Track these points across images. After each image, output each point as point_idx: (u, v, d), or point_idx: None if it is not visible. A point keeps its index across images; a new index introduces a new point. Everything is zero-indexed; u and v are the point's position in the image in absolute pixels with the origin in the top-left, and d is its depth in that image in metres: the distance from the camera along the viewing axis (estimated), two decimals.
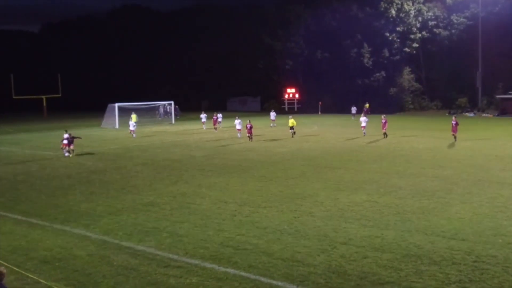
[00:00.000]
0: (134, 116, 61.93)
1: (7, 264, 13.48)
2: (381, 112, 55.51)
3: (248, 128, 42.45)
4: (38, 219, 18.81)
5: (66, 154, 35.81)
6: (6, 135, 56.42)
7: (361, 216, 17.91)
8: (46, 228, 17.62)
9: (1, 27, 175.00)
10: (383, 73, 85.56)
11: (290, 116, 47.45)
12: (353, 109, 71.36)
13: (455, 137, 39.09)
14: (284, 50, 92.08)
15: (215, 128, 54.70)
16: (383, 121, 42.93)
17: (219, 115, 57.56)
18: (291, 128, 45.42)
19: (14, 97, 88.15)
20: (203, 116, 59.26)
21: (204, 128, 57.23)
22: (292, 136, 44.76)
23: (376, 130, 43.20)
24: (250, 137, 42.38)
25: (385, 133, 42.66)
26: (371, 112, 68.13)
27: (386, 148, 36.45)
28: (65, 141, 35.91)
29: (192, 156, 34.70)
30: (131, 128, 49.35)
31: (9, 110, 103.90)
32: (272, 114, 61.28)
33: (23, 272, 13.17)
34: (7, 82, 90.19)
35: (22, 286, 12.41)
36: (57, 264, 13.97)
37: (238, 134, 46.17)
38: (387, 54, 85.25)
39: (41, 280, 12.64)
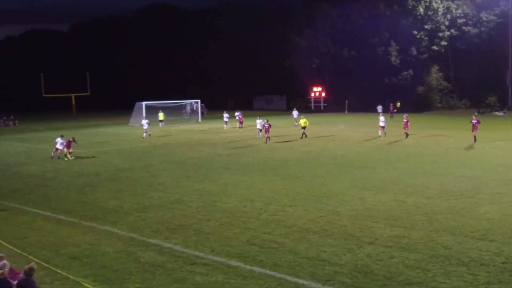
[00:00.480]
0: (161, 114, 63.09)
1: (36, 260, 13.73)
2: (408, 111, 54.93)
3: (266, 127, 41.21)
4: (67, 215, 19.11)
5: (53, 154, 34.68)
6: (36, 132, 57.39)
7: (388, 215, 17.78)
8: (75, 224, 17.90)
9: (32, 27, 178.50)
10: (410, 71, 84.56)
11: (302, 116, 45.63)
12: (379, 108, 70.17)
13: (475, 138, 37.91)
14: (311, 49, 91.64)
15: (240, 127, 53.82)
16: (405, 120, 41.81)
17: (237, 113, 56.57)
18: (303, 128, 43.54)
19: (43, 95, 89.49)
20: (225, 115, 57.93)
21: (225, 128, 56.17)
22: (302, 137, 42.81)
23: (400, 129, 42.70)
24: (268, 138, 41.10)
25: (406, 133, 41.66)
26: (398, 111, 67.24)
27: (413, 148, 36.08)
28: (59, 146, 34.28)
29: (218, 155, 34.82)
30: (145, 127, 47.54)
31: (39, 108, 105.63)
32: (295, 113, 59.83)
33: (52, 268, 13.40)
34: (37, 80, 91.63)
35: (51, 281, 12.61)
36: (85, 260, 14.18)
37: (259, 134, 44.63)
38: (414, 53, 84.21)
39: (70, 276, 12.84)
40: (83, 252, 14.86)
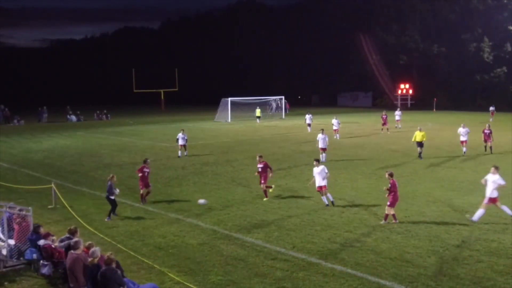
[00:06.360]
0: (258, 111, 65.69)
1: (124, 248, 14.35)
2: (501, 111, 52.26)
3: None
4: (153, 207, 19.79)
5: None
6: (127, 126, 59.73)
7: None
8: (161, 216, 18.49)
9: (125, 24, 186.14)
10: (504, 68, 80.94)
11: (419, 127, 31.86)
12: (491, 108, 61.05)
13: (486, 148, 32.57)
14: (398, 45, 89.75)
15: (386, 129, 46.11)
16: (487, 131, 32.71)
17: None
18: (420, 144, 30.76)
19: (134, 90, 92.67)
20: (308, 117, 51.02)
21: (309, 131, 48.23)
22: (420, 156, 30.64)
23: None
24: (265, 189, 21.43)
25: (486, 147, 32.89)
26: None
27: (507, 148, 34.40)
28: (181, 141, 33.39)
29: (301, 151, 34.79)
30: (180, 142, 33.74)
31: (130, 103, 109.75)
32: (397, 114, 51.84)
33: (139, 257, 13.92)
34: (129, 76, 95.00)
35: (138, 270, 13.11)
36: (170, 251, 14.63)
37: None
38: (509, 49, 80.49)
39: (156, 266, 13.29)
40: (168, 243, 15.34)
